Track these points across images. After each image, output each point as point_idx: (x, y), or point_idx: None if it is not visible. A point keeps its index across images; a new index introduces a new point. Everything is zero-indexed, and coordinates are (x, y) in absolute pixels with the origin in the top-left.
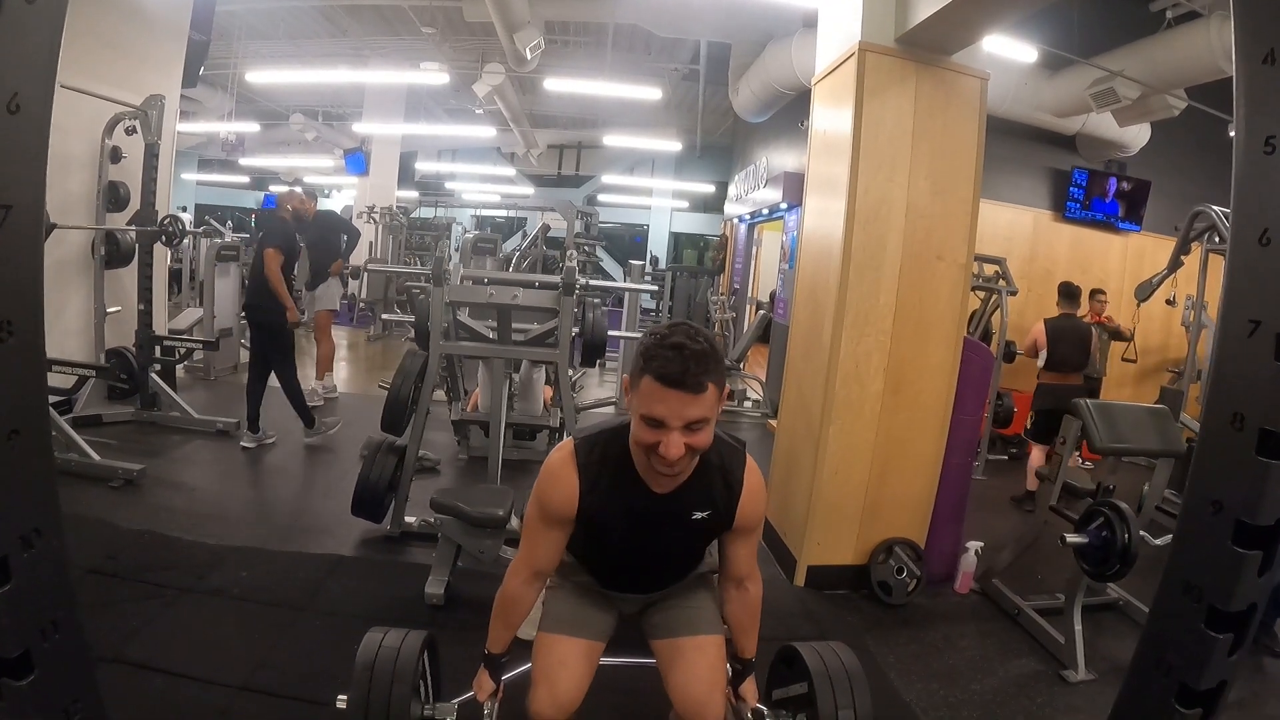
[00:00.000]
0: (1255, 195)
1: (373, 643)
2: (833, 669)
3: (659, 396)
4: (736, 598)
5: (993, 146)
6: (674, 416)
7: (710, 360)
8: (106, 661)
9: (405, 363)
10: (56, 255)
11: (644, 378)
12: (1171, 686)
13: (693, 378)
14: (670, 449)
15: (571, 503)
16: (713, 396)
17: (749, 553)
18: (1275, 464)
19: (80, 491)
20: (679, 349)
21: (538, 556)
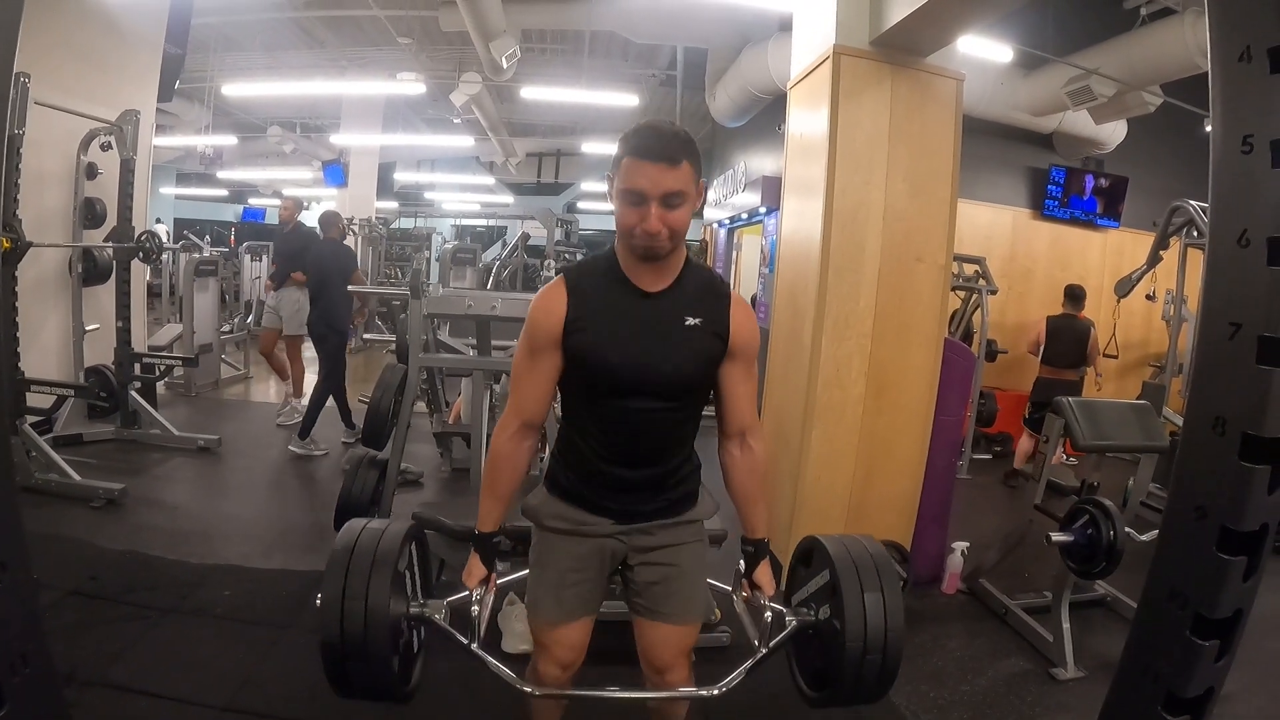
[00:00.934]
0: (1233, 195)
1: (351, 531)
2: (856, 554)
3: (638, 170)
4: (741, 460)
5: (970, 146)
6: (652, 186)
7: (684, 139)
8: (89, 685)
9: (385, 376)
10: (33, 273)
11: (624, 158)
12: (1158, 694)
13: (668, 149)
14: (651, 221)
15: (558, 319)
16: (688, 173)
17: (748, 392)
18: (1259, 468)
19: (61, 512)
20: (655, 128)
21: (525, 400)
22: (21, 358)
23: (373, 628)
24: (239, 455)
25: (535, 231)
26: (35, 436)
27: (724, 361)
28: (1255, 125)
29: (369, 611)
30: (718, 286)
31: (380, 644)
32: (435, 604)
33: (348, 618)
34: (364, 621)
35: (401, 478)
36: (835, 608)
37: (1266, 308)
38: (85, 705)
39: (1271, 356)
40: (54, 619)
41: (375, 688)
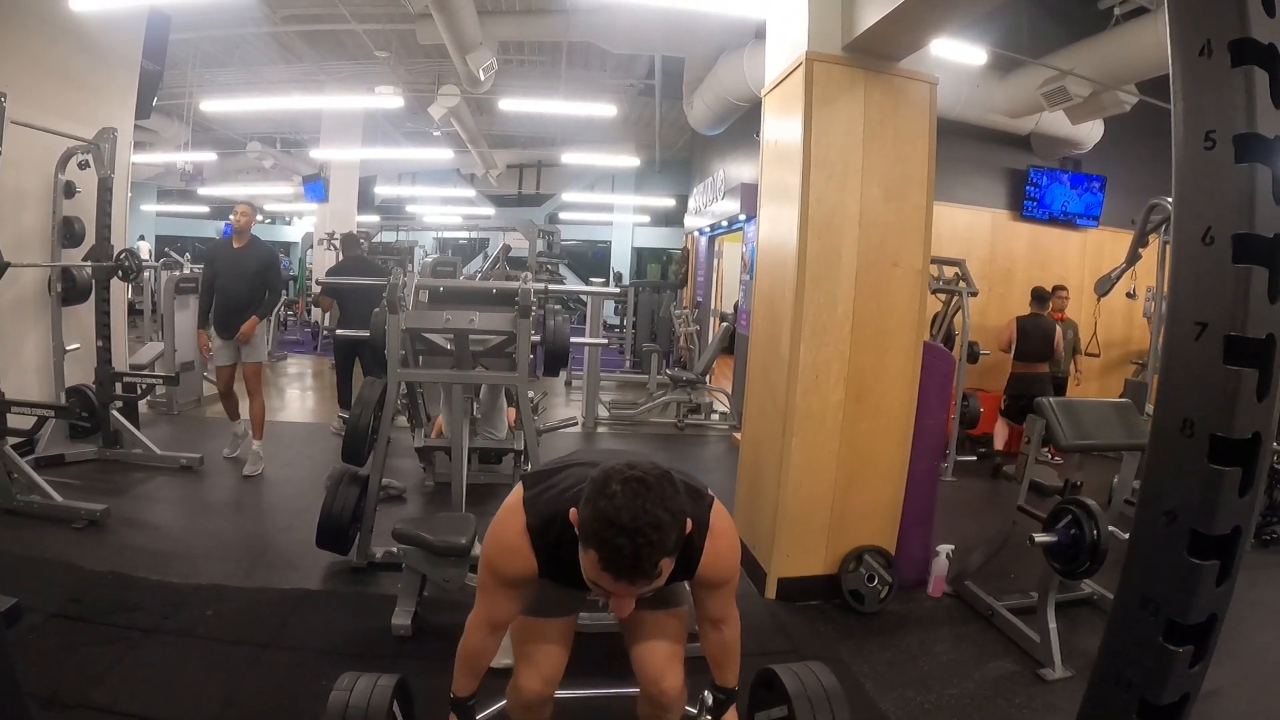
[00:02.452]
0: (1197, 192)
1: (343, 690)
2: (812, 691)
3: (608, 581)
4: (713, 638)
5: (948, 149)
6: (625, 593)
7: (664, 536)
8: (72, 707)
9: (364, 392)
10: (12, 294)
11: (590, 552)
12: (1132, 703)
13: (644, 569)
14: (621, 609)
15: (530, 572)
16: (667, 566)
17: (723, 601)
18: (1229, 470)
19: (43, 534)
20: (631, 536)
21: (495, 614)
22: (1, 379)
23: None
24: (221, 474)
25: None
26: (16, 458)
27: (693, 584)
28: (1216, 121)
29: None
30: (693, 549)
31: None
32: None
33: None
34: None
35: (383, 493)
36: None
37: (1232, 306)
38: None
39: (1239, 356)
40: (37, 641)
41: None
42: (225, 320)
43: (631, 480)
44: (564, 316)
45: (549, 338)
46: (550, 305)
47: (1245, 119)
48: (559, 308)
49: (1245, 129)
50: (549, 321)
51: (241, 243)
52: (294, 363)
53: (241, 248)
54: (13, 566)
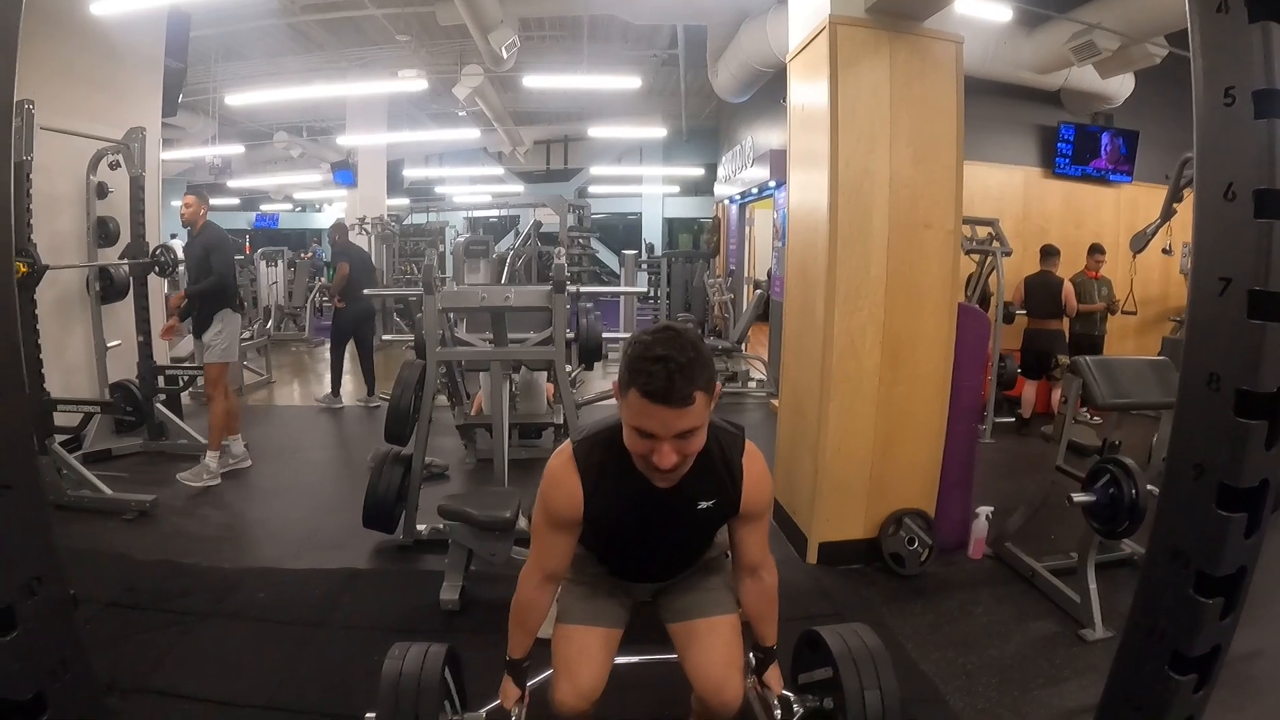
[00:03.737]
0: (1218, 149)
1: (395, 661)
2: (856, 651)
3: (647, 412)
4: (752, 587)
5: (977, 107)
6: (663, 429)
7: (696, 369)
8: (131, 692)
9: (403, 373)
10: (52, 295)
11: (631, 391)
12: (1164, 654)
13: (679, 393)
14: (663, 459)
15: (577, 506)
16: (701, 405)
17: (759, 540)
18: (1255, 424)
19: (95, 526)
20: (664, 362)
21: (548, 560)
22: (46, 378)
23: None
24: (266, 459)
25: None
26: (65, 454)
27: (736, 521)
28: (1236, 76)
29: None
30: (733, 462)
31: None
32: (473, 717)
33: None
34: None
35: (427, 472)
36: (838, 701)
37: (1255, 261)
38: (128, 713)
39: (1263, 310)
40: (94, 631)
41: None
42: (188, 314)
43: (663, 328)
44: (597, 315)
45: (583, 334)
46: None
47: (1264, 75)
48: (591, 305)
49: (1264, 84)
50: (582, 320)
51: (196, 234)
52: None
53: (193, 238)
54: (67, 559)
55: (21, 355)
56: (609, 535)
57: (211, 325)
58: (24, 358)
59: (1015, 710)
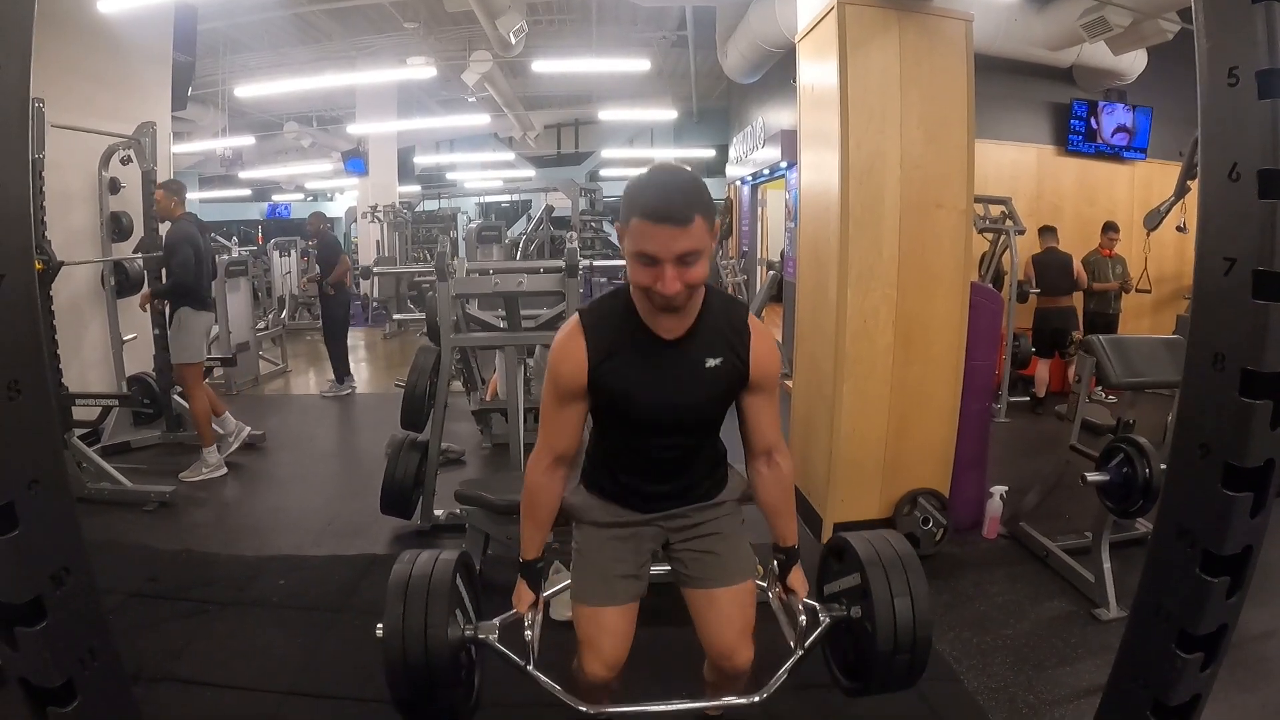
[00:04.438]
0: (1222, 129)
1: (405, 564)
2: (885, 557)
3: (648, 233)
4: (768, 476)
5: (988, 85)
6: (664, 250)
7: (694, 193)
8: (156, 681)
9: (418, 359)
10: (67, 292)
11: (632, 218)
12: (1171, 633)
13: (679, 211)
14: (667, 284)
15: (582, 369)
16: (701, 228)
17: (772, 415)
18: (1259, 404)
19: (116, 518)
20: (662, 185)
21: (556, 439)
22: (64, 373)
23: (434, 655)
24: (283, 449)
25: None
26: (84, 448)
27: (745, 393)
28: (1239, 57)
29: (429, 640)
30: (736, 322)
31: (442, 670)
32: (488, 625)
33: (409, 648)
34: (425, 650)
35: (443, 457)
36: (866, 610)
37: (1260, 242)
38: (154, 701)
39: (1267, 291)
40: (117, 621)
41: (441, 710)
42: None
43: (660, 164)
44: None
45: None
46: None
47: (1268, 55)
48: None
49: (1268, 65)
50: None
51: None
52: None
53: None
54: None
55: (45, 353)
56: (618, 407)
57: (170, 324)
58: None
59: (1030, 689)
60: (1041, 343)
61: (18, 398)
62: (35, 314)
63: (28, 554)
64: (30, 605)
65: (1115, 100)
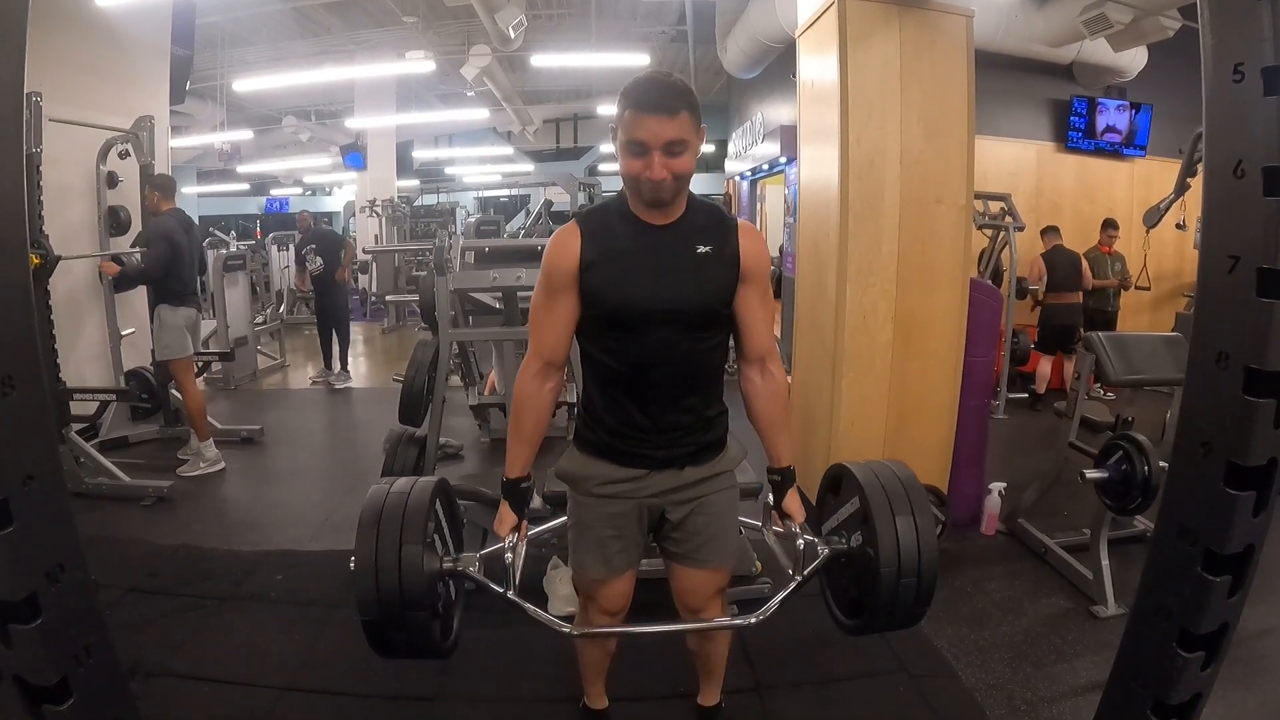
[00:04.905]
0: (1227, 126)
1: (378, 493)
2: (886, 481)
3: (639, 122)
4: (761, 386)
5: (988, 81)
6: (653, 137)
7: (682, 89)
8: (154, 676)
9: (416, 354)
10: (65, 286)
11: (625, 112)
12: (1173, 631)
13: (667, 102)
14: (654, 170)
15: (573, 258)
16: (688, 121)
17: (764, 316)
18: (1262, 402)
19: (114, 513)
20: (652, 80)
21: (546, 341)
22: (61, 368)
23: (408, 588)
24: (281, 443)
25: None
26: (82, 443)
27: (738, 288)
28: (1245, 53)
29: (403, 572)
30: (724, 217)
31: (417, 603)
32: (468, 557)
33: (382, 580)
34: (399, 582)
35: (441, 452)
36: (867, 535)
37: (1264, 239)
38: (151, 696)
39: (1271, 289)
40: (115, 616)
41: (416, 646)
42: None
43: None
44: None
45: None
46: None
47: (1273, 51)
48: None
49: (1273, 61)
50: None
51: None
52: None
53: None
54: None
55: (39, 348)
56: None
57: (155, 329)
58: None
59: (1028, 686)
60: (1049, 339)
61: (11, 393)
62: (30, 309)
63: (22, 551)
64: (25, 602)
65: (1115, 98)
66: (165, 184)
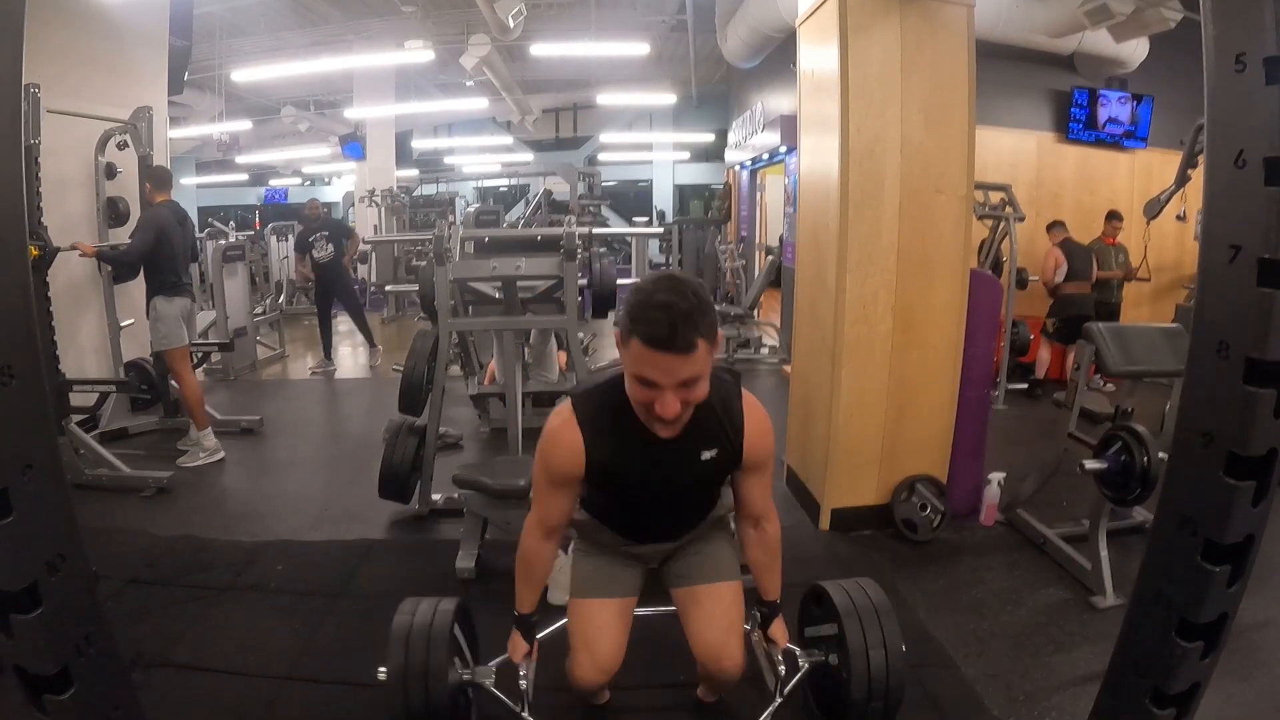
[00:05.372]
0: (1228, 116)
1: (406, 613)
2: (861, 607)
3: (649, 359)
4: (755, 538)
5: (989, 71)
6: (666, 377)
7: (698, 316)
8: (154, 667)
9: (416, 344)
10: (64, 278)
11: (633, 339)
12: (1172, 621)
13: (682, 339)
14: (666, 408)
15: (577, 461)
16: (704, 352)
17: (763, 490)
18: (1263, 392)
19: (114, 504)
20: (666, 309)
21: (549, 516)
22: (61, 360)
23: (434, 700)
24: (281, 434)
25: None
26: (82, 434)
27: (739, 472)
28: (1247, 42)
29: (429, 685)
30: (733, 411)
31: (440, 713)
32: (484, 670)
33: (411, 692)
34: (425, 695)
35: (441, 441)
36: (843, 659)
37: (1265, 229)
38: (152, 687)
39: (1272, 279)
40: (115, 607)
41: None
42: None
43: (664, 276)
44: (610, 259)
45: (596, 280)
46: (595, 249)
47: (1275, 41)
48: (604, 250)
49: (1275, 51)
50: (595, 265)
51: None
52: (343, 320)
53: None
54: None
55: (38, 336)
56: (613, 491)
57: (150, 321)
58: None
59: (1026, 676)
60: (1070, 330)
61: (11, 383)
62: (29, 299)
63: (23, 540)
64: (25, 592)
65: (1116, 89)
66: (159, 175)
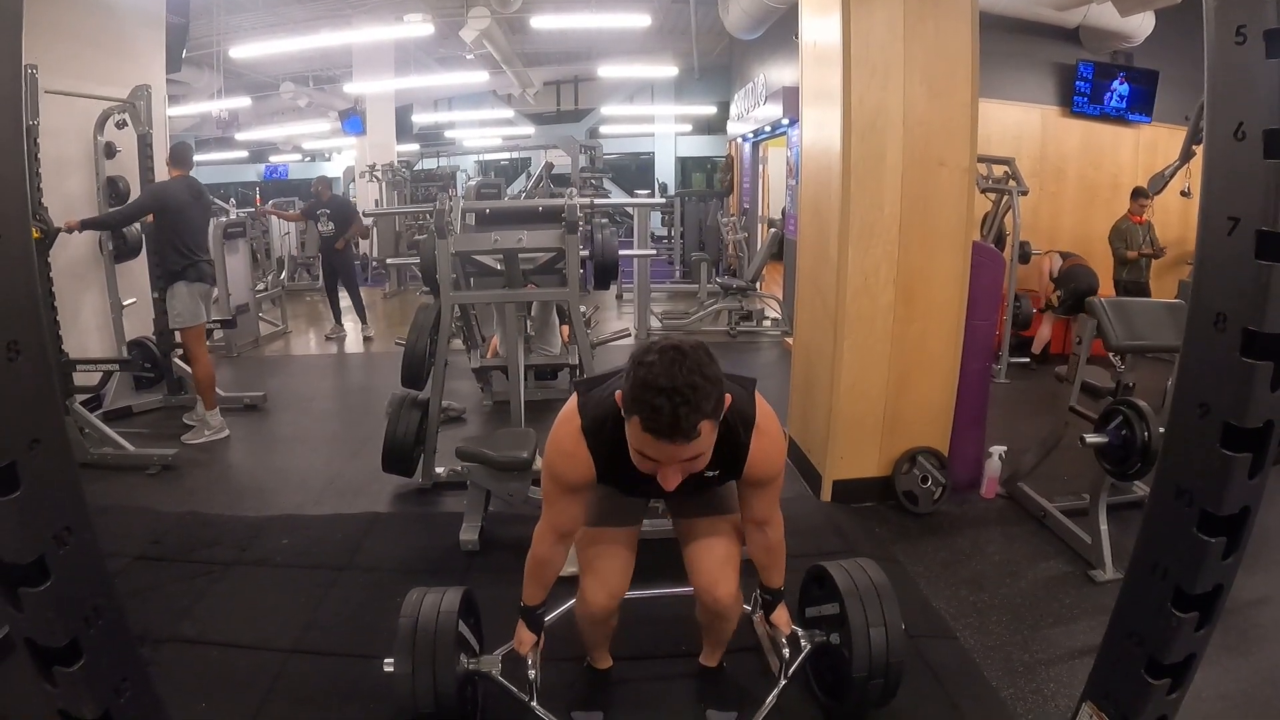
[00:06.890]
0: (1228, 88)
1: (412, 605)
2: (862, 587)
3: (650, 444)
4: (757, 539)
5: (994, 44)
6: (667, 459)
7: (702, 398)
8: (162, 642)
9: (418, 317)
10: (65, 257)
11: (634, 419)
12: (1167, 591)
13: (684, 427)
14: (667, 482)
15: (588, 474)
16: (708, 431)
17: (768, 502)
18: (1260, 364)
19: (119, 482)
20: (668, 394)
21: (561, 522)
22: (64, 340)
23: (441, 692)
24: (284, 409)
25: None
26: (86, 413)
27: (741, 483)
28: (1247, 15)
29: (437, 677)
30: (739, 438)
31: (449, 705)
32: (490, 660)
33: (418, 685)
34: (434, 687)
35: (444, 415)
36: (844, 638)
37: (1264, 201)
38: (160, 661)
39: (1270, 251)
40: (122, 584)
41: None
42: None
43: (668, 349)
44: (611, 230)
45: (597, 252)
46: (597, 220)
47: (1276, 14)
48: (606, 221)
49: (1276, 24)
50: (596, 235)
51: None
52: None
53: None
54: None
55: (43, 313)
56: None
57: (167, 300)
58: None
59: (1025, 648)
60: (1073, 300)
61: (17, 358)
62: (33, 274)
63: (30, 514)
64: (34, 565)
65: (1122, 63)
66: (176, 151)
